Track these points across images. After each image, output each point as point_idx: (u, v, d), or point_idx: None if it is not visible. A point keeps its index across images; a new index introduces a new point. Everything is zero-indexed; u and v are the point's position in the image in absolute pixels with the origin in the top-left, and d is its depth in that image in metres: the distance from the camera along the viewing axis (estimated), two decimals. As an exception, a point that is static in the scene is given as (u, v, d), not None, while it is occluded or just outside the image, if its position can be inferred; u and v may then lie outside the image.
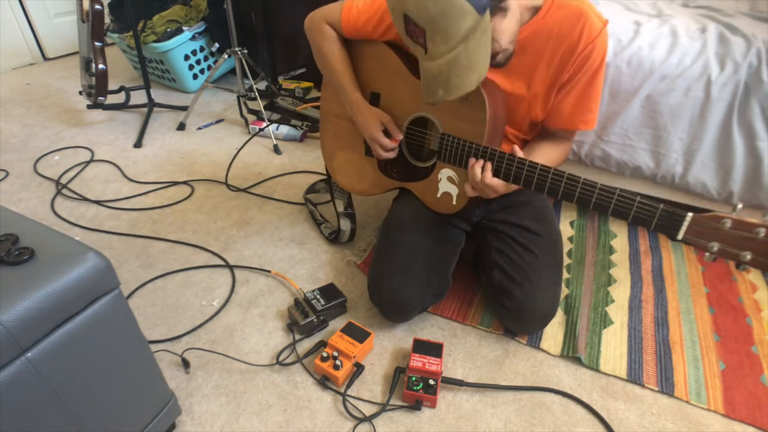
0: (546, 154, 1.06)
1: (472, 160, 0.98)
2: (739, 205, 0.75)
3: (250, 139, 2.02)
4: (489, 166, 0.96)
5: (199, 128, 2.12)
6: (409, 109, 1.11)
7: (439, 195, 1.11)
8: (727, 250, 0.76)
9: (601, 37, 0.95)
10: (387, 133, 1.13)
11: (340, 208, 1.41)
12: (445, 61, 0.81)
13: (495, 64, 0.93)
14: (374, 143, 1.13)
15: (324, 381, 1.04)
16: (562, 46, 0.96)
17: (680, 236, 0.80)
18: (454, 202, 1.09)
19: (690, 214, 0.78)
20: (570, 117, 1.04)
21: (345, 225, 1.41)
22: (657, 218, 0.81)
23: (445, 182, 1.08)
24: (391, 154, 1.14)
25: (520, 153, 0.93)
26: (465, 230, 1.21)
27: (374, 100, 1.17)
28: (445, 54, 0.80)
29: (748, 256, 0.74)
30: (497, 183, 0.96)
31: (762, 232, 0.72)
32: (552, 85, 1.01)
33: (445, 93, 0.85)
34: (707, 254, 0.79)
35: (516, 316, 1.09)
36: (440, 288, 1.14)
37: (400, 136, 1.12)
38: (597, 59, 0.97)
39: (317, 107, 2.19)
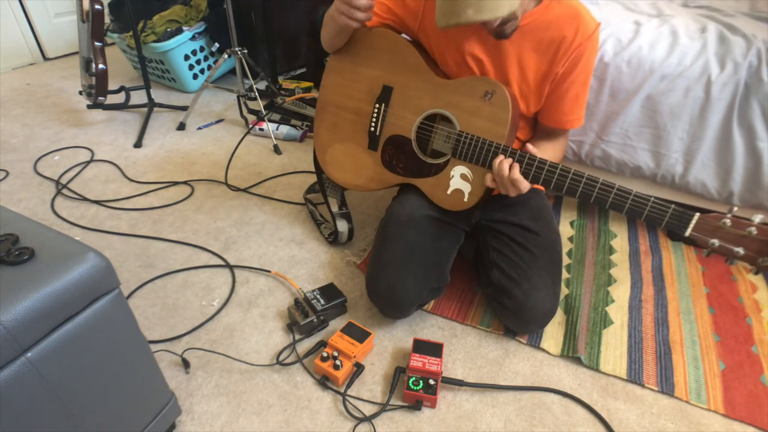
0: (550, 153, 1.11)
1: (500, 157, 1.01)
2: (735, 209, 0.85)
3: (245, 134, 2.01)
4: (517, 165, 1.00)
5: (199, 128, 2.12)
6: (423, 105, 1.12)
7: (449, 192, 1.11)
8: (724, 246, 0.87)
9: (593, 37, 1.01)
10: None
11: (335, 209, 1.41)
12: None
13: (502, 34, 0.98)
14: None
15: (324, 381, 1.04)
16: (557, 39, 1.01)
17: (688, 233, 0.90)
18: (465, 200, 1.09)
19: (697, 214, 0.89)
20: (568, 115, 1.10)
21: (342, 226, 1.40)
22: (669, 217, 0.90)
23: (458, 179, 1.09)
24: (361, 15, 1.01)
25: (534, 150, 0.99)
26: (464, 229, 1.21)
27: (386, 93, 1.16)
28: None
29: (741, 251, 0.86)
30: (524, 180, 0.99)
31: (754, 230, 0.84)
32: (545, 77, 1.05)
33: (475, 12, 0.85)
34: (705, 250, 0.90)
35: (516, 316, 1.09)
36: (438, 283, 1.14)
37: (372, 2, 1.02)
38: (592, 59, 1.04)
39: (303, 101, 2.17)
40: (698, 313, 1.23)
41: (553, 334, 1.16)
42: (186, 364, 1.06)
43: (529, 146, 1.00)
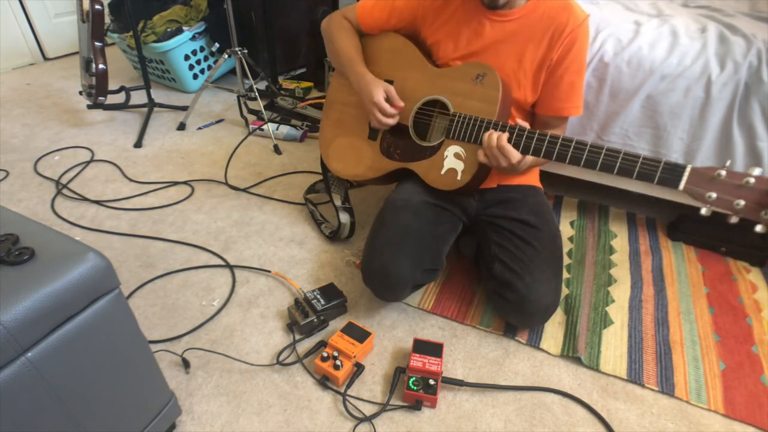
0: None
1: (490, 130, 1.04)
2: (728, 161, 0.84)
3: (247, 136, 2.02)
4: (505, 135, 1.02)
5: (200, 128, 2.12)
6: (420, 94, 1.17)
7: (443, 171, 1.13)
8: (723, 198, 0.84)
9: (584, 26, 1.08)
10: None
11: (338, 203, 1.43)
12: None
13: (494, 3, 1.06)
14: (374, 108, 1.14)
15: (324, 381, 1.04)
16: (550, 28, 1.07)
17: (682, 186, 0.87)
18: (458, 177, 1.11)
19: (690, 167, 0.87)
20: (564, 102, 1.13)
21: (344, 218, 1.42)
22: (660, 171, 0.89)
23: (452, 158, 1.12)
24: (391, 122, 1.16)
25: (523, 123, 1.02)
26: (461, 219, 1.22)
27: None
28: None
29: (742, 203, 0.82)
30: (512, 148, 1.01)
31: (752, 180, 0.81)
32: (541, 65, 1.10)
33: None
34: (704, 209, 0.86)
35: (518, 309, 1.09)
36: (432, 265, 1.14)
37: (402, 104, 1.16)
38: (584, 48, 1.09)
39: (317, 105, 2.19)
40: (698, 313, 1.23)
41: (553, 334, 1.16)
42: (186, 364, 1.06)
43: (518, 119, 1.03)
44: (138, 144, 1.96)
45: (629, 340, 1.15)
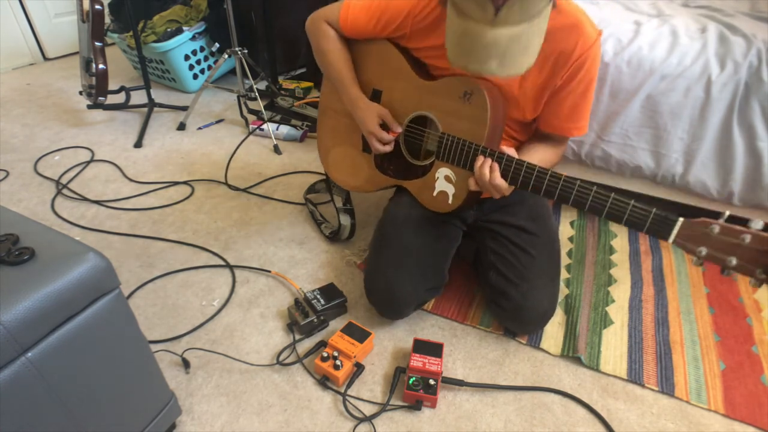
0: (542, 155, 1.08)
1: (480, 158, 0.98)
2: (727, 213, 0.77)
3: (247, 136, 2.02)
4: (496, 166, 0.96)
5: (200, 128, 2.12)
6: (409, 107, 1.12)
7: (435, 194, 1.11)
8: (714, 255, 0.78)
9: (594, 48, 0.97)
10: (385, 128, 1.13)
11: (339, 204, 1.42)
12: (508, 34, 0.78)
13: None
14: (372, 137, 1.13)
15: (324, 381, 1.04)
16: (556, 51, 0.97)
17: (671, 239, 0.82)
18: (449, 201, 1.09)
19: (681, 219, 0.80)
20: (566, 123, 1.07)
21: (345, 220, 1.41)
22: (650, 222, 0.84)
23: (442, 181, 1.09)
24: (388, 148, 1.13)
25: (512, 152, 0.96)
26: (461, 228, 1.21)
27: (375, 97, 1.17)
28: (513, 25, 0.78)
29: (734, 261, 0.76)
30: (504, 184, 0.96)
31: (748, 238, 0.73)
32: (543, 88, 1.02)
33: (498, 66, 0.82)
34: (694, 258, 0.80)
35: (514, 317, 1.09)
36: (435, 283, 1.14)
37: (399, 129, 1.12)
38: (592, 69, 1.00)
39: (315, 104, 2.19)
40: (698, 313, 1.23)
41: (553, 334, 1.16)
42: (186, 364, 1.06)
43: (504, 148, 0.97)
44: (138, 144, 1.96)
45: (629, 340, 1.15)
